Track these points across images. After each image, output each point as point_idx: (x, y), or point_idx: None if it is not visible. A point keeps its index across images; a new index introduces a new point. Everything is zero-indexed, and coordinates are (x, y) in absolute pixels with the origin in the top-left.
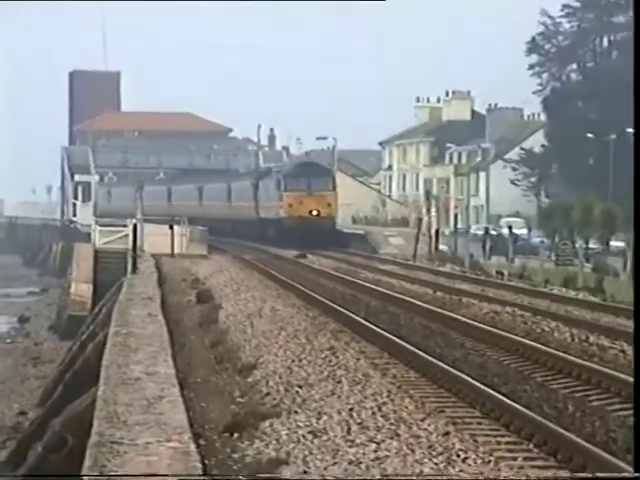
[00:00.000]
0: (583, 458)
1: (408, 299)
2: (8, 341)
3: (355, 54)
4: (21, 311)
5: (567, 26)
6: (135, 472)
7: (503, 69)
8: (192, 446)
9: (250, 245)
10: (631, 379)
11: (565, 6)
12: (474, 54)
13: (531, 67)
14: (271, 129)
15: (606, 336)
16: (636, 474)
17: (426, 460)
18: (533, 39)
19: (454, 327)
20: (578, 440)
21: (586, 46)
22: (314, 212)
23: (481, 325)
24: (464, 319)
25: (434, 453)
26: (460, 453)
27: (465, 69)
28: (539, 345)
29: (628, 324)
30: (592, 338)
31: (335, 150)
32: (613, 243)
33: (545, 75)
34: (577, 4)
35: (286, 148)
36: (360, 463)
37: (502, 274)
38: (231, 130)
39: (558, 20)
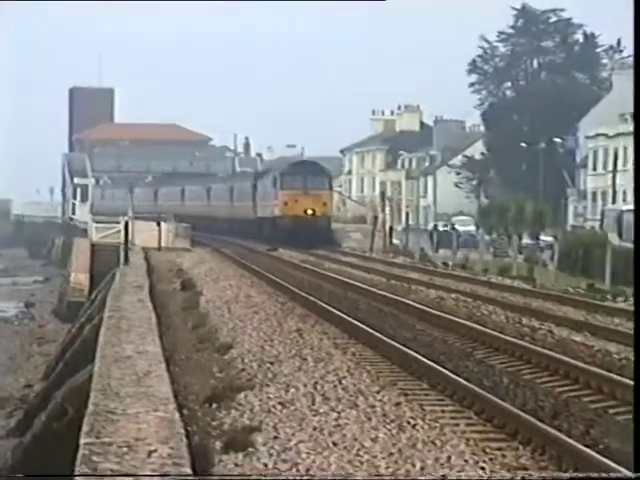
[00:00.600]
0: (516, 424)
1: (365, 287)
2: (16, 323)
3: (323, 72)
4: (27, 297)
5: (502, 50)
6: (126, 438)
7: (448, 86)
8: (176, 415)
9: (228, 240)
10: (557, 355)
11: (501, 32)
12: (424, 73)
13: (472, 85)
14: (246, 138)
15: (537, 318)
16: (636, 474)
17: (380, 427)
18: (473, 61)
19: (405, 311)
20: (512, 408)
21: (519, 67)
22: (309, 211)
23: (429, 309)
24: (414, 304)
25: (387, 421)
26: (410, 420)
27: (415, 86)
28: (479, 326)
29: (556, 308)
30: (524, 320)
31: (303, 156)
32: (542, 238)
33: (484, 92)
34: (511, 31)
35: (260, 155)
36: (323, 430)
37: (447, 265)
38: (211, 139)
39: (495, 44)
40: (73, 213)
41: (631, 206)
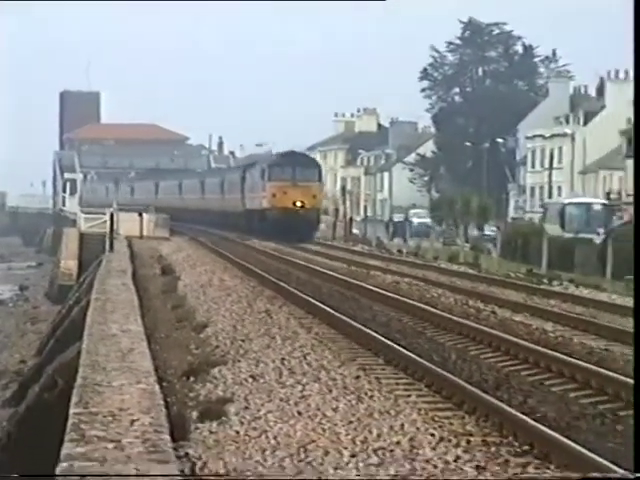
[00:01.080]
0: (462, 395)
1: (328, 272)
2: (11, 305)
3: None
4: (21, 281)
5: (451, 59)
6: (111, 408)
7: (402, 91)
8: (156, 387)
9: (203, 229)
10: (499, 333)
11: (449, 43)
12: (381, 79)
13: (423, 90)
14: (220, 137)
15: (481, 301)
16: (636, 474)
17: (341, 398)
18: (425, 69)
19: (364, 294)
20: (459, 381)
21: (466, 75)
22: (298, 203)
23: (385, 292)
24: (372, 287)
25: (347, 392)
26: (368, 392)
27: (374, 90)
28: (430, 307)
29: (498, 291)
30: (470, 302)
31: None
32: (487, 229)
33: (434, 97)
34: (458, 42)
35: (232, 152)
36: (289, 400)
37: (401, 252)
38: (188, 138)
39: (444, 54)
40: (63, 205)
41: (573, 199)
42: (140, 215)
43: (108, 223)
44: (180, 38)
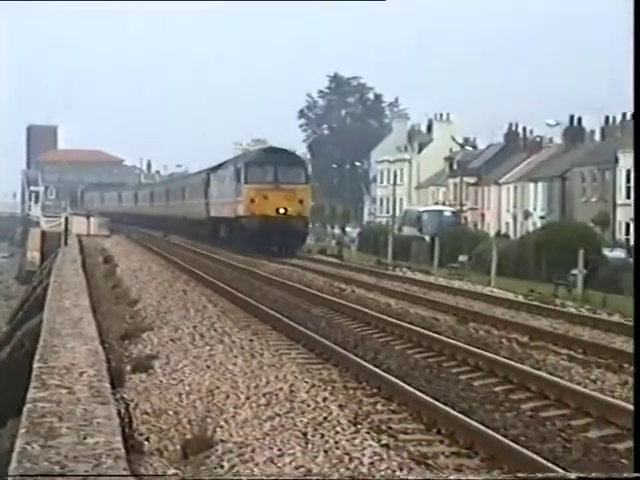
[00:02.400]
0: (330, 353)
1: (230, 261)
2: None
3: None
4: None
5: (321, 103)
6: (65, 363)
7: (285, 125)
8: (100, 348)
9: (138, 229)
10: (358, 306)
11: (320, 91)
12: (269, 114)
13: (301, 126)
14: (149, 160)
15: (344, 282)
16: (636, 474)
17: (239, 355)
18: (302, 110)
19: (257, 278)
20: (327, 342)
21: (332, 115)
22: (282, 210)
23: (272, 276)
24: (262, 273)
25: (244, 351)
26: (259, 351)
27: (263, 123)
28: (305, 287)
29: (356, 275)
30: (336, 283)
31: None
32: (348, 229)
33: (309, 130)
34: (327, 90)
35: (157, 171)
36: (200, 357)
37: None
38: (124, 160)
39: (316, 99)
40: (29, 210)
41: (428, 207)
42: (88, 218)
43: (63, 224)
44: (119, 77)
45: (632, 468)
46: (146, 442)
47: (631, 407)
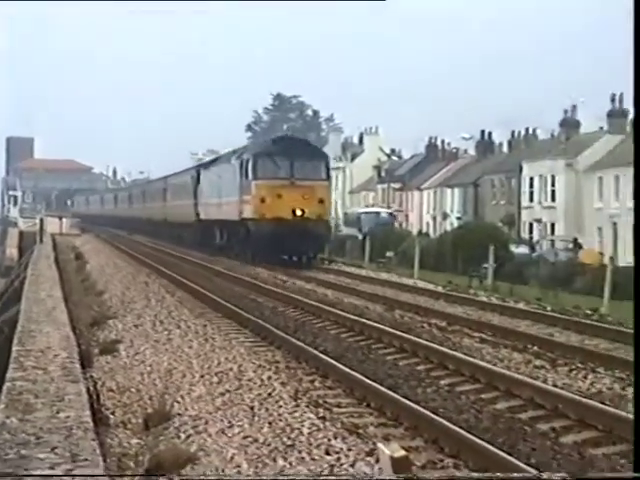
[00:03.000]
0: (273, 336)
1: (187, 257)
2: None
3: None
4: None
5: (266, 118)
6: (40, 347)
7: (233, 141)
8: (71, 333)
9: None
10: (297, 297)
11: (265, 108)
12: (221, 130)
13: (248, 138)
14: (114, 167)
15: (286, 275)
16: (636, 474)
17: (194, 340)
18: (249, 124)
19: (210, 271)
20: (271, 327)
21: (276, 129)
22: (298, 212)
23: (225, 271)
24: (213, 267)
25: (198, 336)
26: (211, 335)
27: (218, 135)
28: (253, 279)
29: (297, 270)
30: (279, 276)
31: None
32: None
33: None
34: (271, 107)
35: (123, 178)
36: (159, 341)
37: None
38: (92, 168)
39: (261, 114)
40: (9, 212)
41: (366, 209)
42: (60, 219)
43: (38, 224)
44: (89, 95)
45: (632, 468)
46: (112, 416)
47: (533, 382)
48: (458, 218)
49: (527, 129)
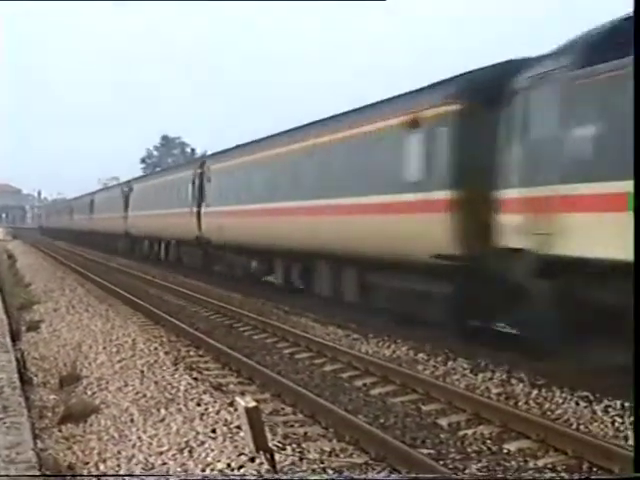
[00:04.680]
0: (158, 318)
1: (95, 258)
2: None
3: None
4: None
5: (155, 153)
6: None
7: (133, 168)
8: (4, 316)
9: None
10: (217, 302)
11: (155, 146)
12: (122, 156)
13: (142, 169)
14: (39, 190)
15: (175, 271)
16: (636, 474)
17: (97, 319)
18: (143, 158)
19: (111, 268)
20: (158, 311)
21: (163, 162)
22: None
23: (127, 270)
24: (115, 266)
25: (102, 317)
26: (112, 317)
27: (120, 165)
28: (144, 275)
29: (182, 268)
30: (166, 272)
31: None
32: None
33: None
34: (160, 145)
35: (46, 197)
36: (72, 321)
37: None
38: (21, 189)
39: (152, 150)
40: None
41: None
42: None
43: None
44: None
45: (632, 468)
46: (35, 378)
47: (351, 350)
48: None
49: None
